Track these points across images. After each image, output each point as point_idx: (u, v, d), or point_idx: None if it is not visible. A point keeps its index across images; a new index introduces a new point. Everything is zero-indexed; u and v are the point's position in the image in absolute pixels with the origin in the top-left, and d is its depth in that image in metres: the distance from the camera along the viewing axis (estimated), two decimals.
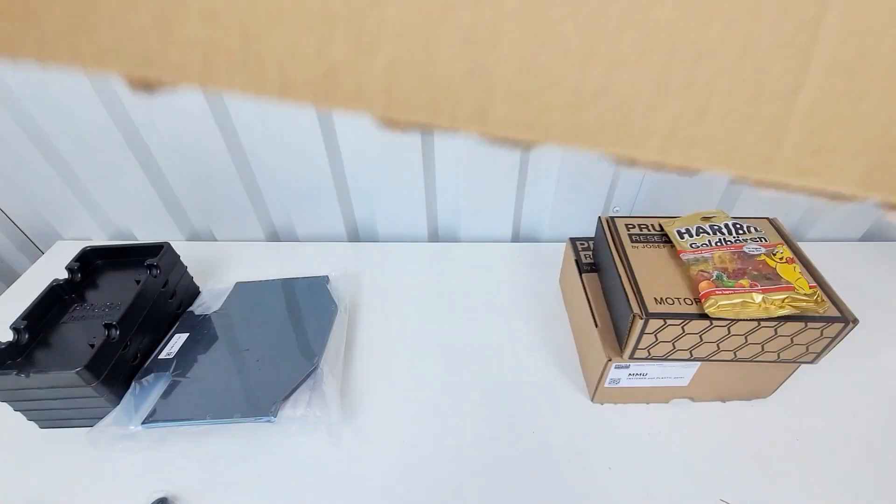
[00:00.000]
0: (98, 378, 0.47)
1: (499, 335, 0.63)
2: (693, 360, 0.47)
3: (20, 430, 0.52)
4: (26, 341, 0.51)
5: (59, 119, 0.66)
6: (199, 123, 0.65)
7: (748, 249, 0.45)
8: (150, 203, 0.76)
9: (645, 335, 0.43)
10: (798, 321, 0.41)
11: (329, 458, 0.50)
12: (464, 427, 0.52)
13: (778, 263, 0.43)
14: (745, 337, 0.43)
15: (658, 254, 0.49)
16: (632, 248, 0.49)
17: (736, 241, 0.47)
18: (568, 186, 0.72)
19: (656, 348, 0.45)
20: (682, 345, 0.44)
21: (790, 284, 0.41)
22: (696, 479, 0.47)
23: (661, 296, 0.44)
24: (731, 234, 0.48)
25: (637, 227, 0.53)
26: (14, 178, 0.76)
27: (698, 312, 0.42)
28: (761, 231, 0.48)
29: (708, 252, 0.46)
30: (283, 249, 0.81)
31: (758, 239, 0.47)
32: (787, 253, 0.45)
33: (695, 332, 0.43)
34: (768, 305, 0.40)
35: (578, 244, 0.62)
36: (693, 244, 0.47)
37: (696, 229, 0.49)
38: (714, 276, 0.43)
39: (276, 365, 0.54)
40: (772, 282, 0.42)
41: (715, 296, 0.41)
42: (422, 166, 0.70)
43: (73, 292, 0.59)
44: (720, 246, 0.46)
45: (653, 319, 0.42)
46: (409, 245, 0.80)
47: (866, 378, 0.56)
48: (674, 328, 0.43)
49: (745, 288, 0.41)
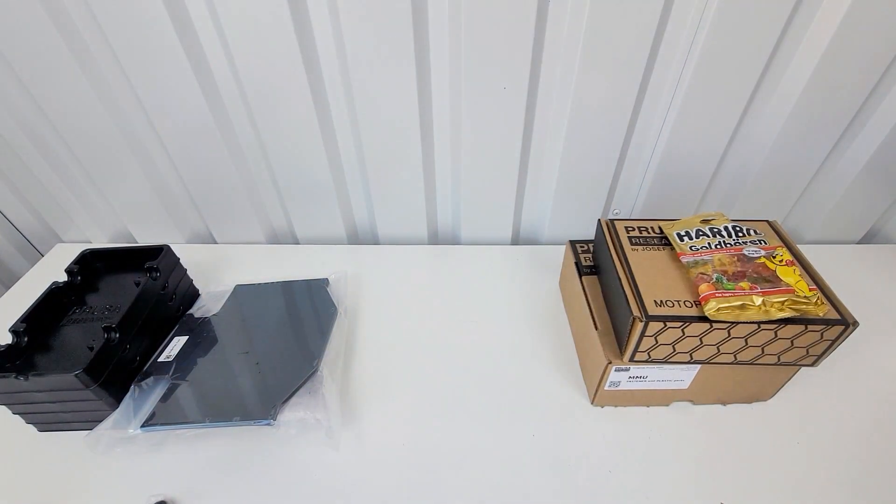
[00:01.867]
0: (97, 381, 0.47)
1: (499, 338, 0.62)
2: (693, 363, 0.47)
3: (19, 433, 0.52)
4: (25, 344, 0.51)
5: (59, 121, 0.66)
6: (199, 126, 0.65)
7: (748, 252, 0.45)
8: (149, 205, 0.77)
9: (645, 338, 0.43)
10: (798, 324, 0.41)
11: (328, 462, 0.49)
12: (464, 430, 0.52)
13: (778, 266, 0.43)
14: (745, 340, 0.43)
15: (658, 256, 0.49)
16: (631, 251, 0.49)
17: (736, 243, 0.47)
18: (568, 189, 0.72)
19: (656, 351, 0.45)
20: (683, 347, 0.44)
21: (790, 287, 0.41)
22: (696, 482, 0.47)
23: (661, 298, 0.44)
24: (730, 236, 0.47)
25: (637, 229, 0.53)
26: (14, 180, 0.76)
27: (698, 315, 0.42)
28: (761, 234, 0.48)
29: (708, 255, 0.46)
30: (282, 252, 0.81)
31: (758, 241, 0.47)
32: (786, 255, 0.45)
33: (695, 335, 0.43)
34: (768, 308, 0.40)
35: (578, 247, 0.62)
36: (693, 247, 0.47)
37: (696, 232, 0.49)
38: (714, 279, 0.43)
39: (276, 368, 0.54)
40: (772, 284, 0.42)
41: (715, 298, 0.41)
42: (422, 168, 0.70)
43: (73, 295, 0.59)
44: (720, 248, 0.46)
45: (653, 322, 0.42)
46: (408, 247, 0.80)
47: (867, 381, 0.56)
48: (674, 331, 0.42)
49: (745, 290, 0.41)
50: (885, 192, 0.72)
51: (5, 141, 0.70)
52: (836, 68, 0.58)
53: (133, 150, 0.69)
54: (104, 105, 0.64)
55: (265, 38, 0.57)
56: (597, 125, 0.64)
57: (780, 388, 0.52)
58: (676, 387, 0.51)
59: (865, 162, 0.67)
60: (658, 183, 0.71)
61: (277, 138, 0.67)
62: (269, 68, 0.59)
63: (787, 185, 0.72)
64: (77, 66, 0.59)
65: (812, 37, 0.56)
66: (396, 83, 0.60)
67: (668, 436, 0.51)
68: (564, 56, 0.58)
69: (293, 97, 0.62)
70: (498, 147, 0.67)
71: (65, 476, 0.49)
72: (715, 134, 0.65)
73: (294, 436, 0.49)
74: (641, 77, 0.59)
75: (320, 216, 0.78)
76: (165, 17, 0.55)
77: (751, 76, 0.59)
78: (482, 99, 0.61)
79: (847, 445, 0.50)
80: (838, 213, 0.74)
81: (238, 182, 0.73)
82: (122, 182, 0.73)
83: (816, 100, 0.61)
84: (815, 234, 0.77)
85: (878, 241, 0.80)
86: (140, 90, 0.62)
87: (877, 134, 0.65)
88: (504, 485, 0.47)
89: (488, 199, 0.74)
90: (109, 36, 0.57)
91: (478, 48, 0.57)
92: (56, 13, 0.55)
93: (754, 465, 0.48)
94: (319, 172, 0.71)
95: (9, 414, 0.50)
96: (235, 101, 0.64)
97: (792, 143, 0.66)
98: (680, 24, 0.55)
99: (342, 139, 0.69)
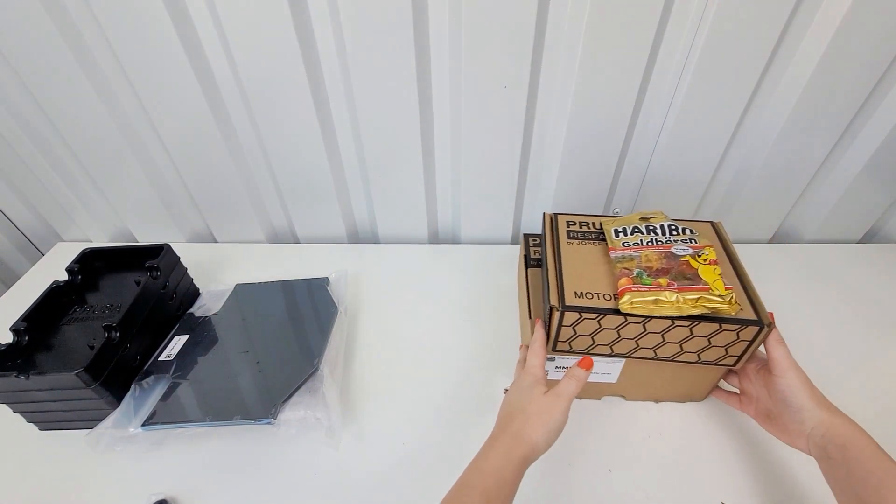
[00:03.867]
0: (98, 380, 0.47)
1: (499, 336, 0.62)
2: (615, 356, 0.47)
3: (20, 432, 0.52)
4: (26, 343, 0.51)
5: (60, 121, 0.66)
6: (200, 125, 0.65)
7: (676, 250, 0.45)
8: (150, 205, 0.77)
9: (563, 328, 0.44)
10: (712, 322, 0.41)
11: (329, 461, 0.50)
12: (462, 428, 0.52)
13: (701, 265, 0.43)
14: (661, 335, 0.43)
15: (590, 250, 0.49)
16: (566, 245, 0.50)
17: (667, 241, 0.47)
18: (568, 188, 0.72)
19: (576, 342, 0.45)
20: (602, 339, 0.45)
21: (706, 285, 0.41)
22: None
23: (582, 290, 0.44)
24: (664, 234, 0.48)
25: (577, 224, 0.53)
26: (15, 180, 0.77)
27: (614, 308, 0.42)
28: (695, 233, 0.48)
29: (637, 251, 0.46)
30: (283, 251, 0.81)
31: (688, 241, 0.47)
32: (711, 255, 0.45)
33: (612, 328, 0.43)
34: (681, 304, 0.40)
35: (531, 240, 0.62)
36: (625, 243, 0.48)
37: (632, 229, 0.49)
38: (634, 274, 0.43)
39: (277, 367, 0.54)
40: (690, 282, 0.42)
41: (630, 292, 0.41)
42: (422, 168, 0.70)
43: (74, 294, 0.59)
44: (650, 246, 0.47)
45: (568, 312, 0.42)
46: (408, 246, 0.80)
47: (867, 380, 0.56)
48: (590, 322, 0.43)
49: (662, 287, 0.41)
50: (885, 191, 0.72)
51: (6, 141, 0.70)
52: (836, 67, 0.58)
53: (133, 150, 0.69)
54: (105, 105, 0.64)
55: (265, 37, 0.57)
56: (597, 124, 0.64)
57: (712, 388, 0.52)
58: (605, 380, 0.51)
59: (866, 161, 0.67)
60: (658, 182, 0.71)
61: (277, 137, 0.67)
62: (269, 67, 0.59)
63: (787, 183, 0.72)
64: (77, 66, 0.59)
65: (813, 35, 0.56)
66: (397, 82, 0.60)
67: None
68: (565, 55, 0.58)
69: (293, 96, 0.62)
70: (498, 146, 0.67)
71: (65, 475, 0.49)
72: (715, 133, 0.65)
73: (294, 435, 0.49)
74: (642, 76, 0.59)
75: (320, 215, 0.78)
76: (166, 16, 0.55)
77: (751, 76, 0.59)
78: (482, 98, 0.61)
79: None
80: (839, 212, 0.74)
81: (238, 181, 0.73)
82: (123, 181, 0.73)
83: (818, 98, 0.61)
84: (816, 233, 0.77)
85: (878, 241, 0.80)
86: (140, 90, 0.62)
87: (877, 133, 0.64)
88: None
89: (488, 199, 0.74)
90: (110, 36, 0.57)
91: (478, 47, 0.57)
92: (56, 13, 0.55)
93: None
94: (319, 171, 0.71)
95: (10, 413, 0.50)
96: (236, 100, 0.64)
97: (793, 142, 0.66)
98: (680, 23, 0.55)
99: (342, 138, 0.69)
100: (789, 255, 0.75)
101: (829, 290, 0.68)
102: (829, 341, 0.61)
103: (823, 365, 0.59)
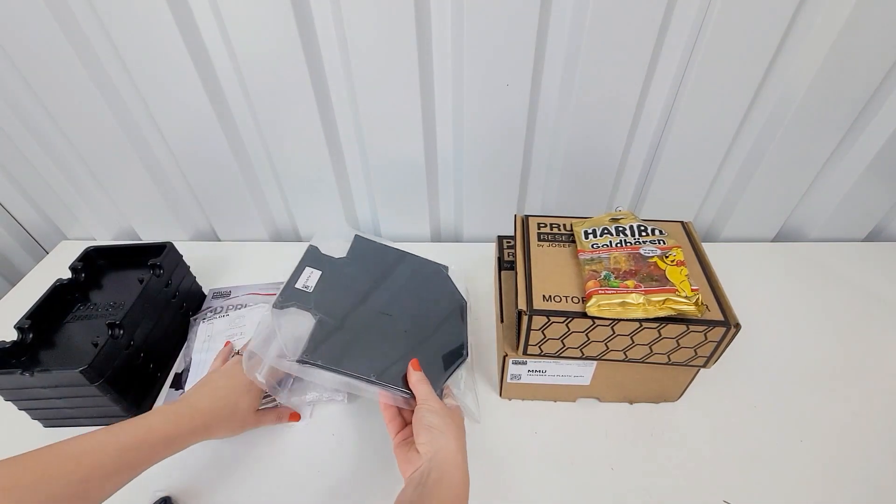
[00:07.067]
0: (101, 377, 0.47)
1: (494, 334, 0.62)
2: (586, 359, 0.47)
3: (24, 429, 0.52)
4: (30, 340, 0.52)
5: (64, 120, 0.66)
6: (203, 123, 0.65)
7: (644, 251, 0.45)
8: (153, 203, 0.77)
9: (532, 331, 0.44)
10: (679, 323, 0.41)
11: (332, 460, 0.50)
12: None
13: (668, 266, 0.43)
14: (630, 337, 0.43)
15: (560, 253, 0.49)
16: (536, 247, 0.50)
17: (635, 242, 0.46)
18: (570, 187, 0.72)
19: (547, 345, 0.45)
20: (572, 342, 0.44)
21: (673, 287, 0.41)
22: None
23: (551, 293, 0.44)
24: (633, 235, 0.47)
25: (549, 226, 0.53)
26: (19, 178, 0.77)
27: (581, 311, 0.42)
28: (664, 234, 0.47)
29: (606, 252, 0.46)
30: (286, 249, 0.81)
31: (657, 241, 0.46)
32: (679, 256, 0.44)
33: (580, 331, 0.43)
34: (648, 306, 0.40)
35: (505, 242, 0.62)
36: (595, 244, 0.47)
37: (601, 230, 0.48)
38: (602, 276, 0.43)
39: (426, 343, 0.51)
40: (658, 283, 0.41)
41: (597, 295, 0.41)
42: (424, 167, 0.70)
43: (77, 292, 0.59)
44: (619, 247, 0.46)
45: (536, 316, 0.42)
46: (411, 245, 0.79)
47: (872, 378, 0.56)
48: (558, 326, 0.43)
49: (629, 289, 0.41)
50: (890, 189, 0.71)
51: (10, 139, 0.70)
52: (841, 64, 0.57)
53: (136, 148, 0.69)
54: (108, 103, 0.64)
55: (268, 35, 0.57)
56: (600, 122, 0.64)
57: (686, 388, 0.52)
58: (578, 382, 0.51)
59: (871, 159, 0.66)
60: (661, 181, 0.71)
61: (280, 136, 0.67)
62: (271, 66, 0.59)
63: (791, 181, 0.71)
64: (80, 64, 0.59)
65: (817, 33, 0.56)
66: (399, 80, 0.60)
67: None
68: (568, 53, 0.58)
69: (296, 94, 0.62)
70: (501, 144, 0.67)
71: None
72: (718, 131, 0.65)
73: None
74: (645, 74, 0.59)
75: (323, 213, 0.78)
76: (168, 15, 0.55)
77: (755, 74, 0.59)
78: (485, 96, 0.61)
79: (850, 448, 0.50)
80: (843, 210, 0.73)
81: (241, 179, 0.73)
82: (126, 180, 0.74)
83: (822, 96, 0.60)
84: (820, 231, 0.77)
85: (882, 239, 0.79)
86: (143, 88, 0.62)
87: (882, 130, 0.64)
88: None
89: (491, 197, 0.74)
90: (112, 33, 0.57)
91: (480, 45, 0.57)
92: (59, 11, 0.56)
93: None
94: (322, 169, 0.71)
95: (15, 409, 0.50)
96: (238, 99, 0.64)
97: (796, 140, 0.65)
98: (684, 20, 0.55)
99: (345, 136, 0.69)
100: (793, 254, 0.75)
101: (834, 288, 0.68)
102: (834, 339, 0.60)
103: (828, 363, 0.59)
